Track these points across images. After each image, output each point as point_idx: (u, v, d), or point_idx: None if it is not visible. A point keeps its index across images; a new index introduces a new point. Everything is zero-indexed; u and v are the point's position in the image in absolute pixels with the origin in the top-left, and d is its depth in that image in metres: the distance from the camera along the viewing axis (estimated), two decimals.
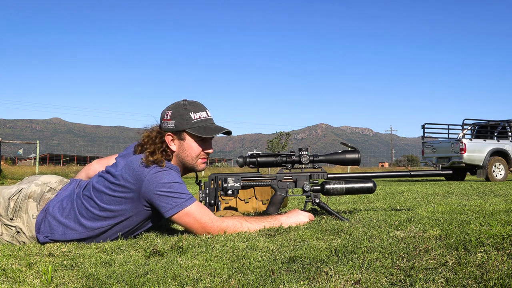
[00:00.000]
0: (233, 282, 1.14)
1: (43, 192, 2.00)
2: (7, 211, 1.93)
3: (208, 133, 1.98)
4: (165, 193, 1.84)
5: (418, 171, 2.39)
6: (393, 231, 1.68)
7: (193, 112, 1.98)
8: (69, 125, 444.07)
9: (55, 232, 1.92)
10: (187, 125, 1.97)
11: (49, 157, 40.55)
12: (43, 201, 1.97)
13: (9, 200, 1.96)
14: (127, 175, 1.88)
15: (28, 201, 1.95)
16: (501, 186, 5.66)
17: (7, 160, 20.36)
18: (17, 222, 1.92)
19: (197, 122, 1.98)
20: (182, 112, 1.97)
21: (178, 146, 2.00)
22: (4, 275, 1.36)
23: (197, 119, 1.99)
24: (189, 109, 1.98)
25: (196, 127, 1.98)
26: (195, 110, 2.00)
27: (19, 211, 1.93)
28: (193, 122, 1.97)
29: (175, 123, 1.97)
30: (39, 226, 1.92)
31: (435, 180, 10.57)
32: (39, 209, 1.94)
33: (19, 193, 1.98)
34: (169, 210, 1.84)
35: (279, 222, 1.95)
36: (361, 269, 1.18)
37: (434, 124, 11.72)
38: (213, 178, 2.18)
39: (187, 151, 2.00)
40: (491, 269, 1.13)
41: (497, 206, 2.78)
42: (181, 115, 1.97)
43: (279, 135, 28.68)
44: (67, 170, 15.87)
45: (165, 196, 1.84)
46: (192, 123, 1.97)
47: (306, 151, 2.20)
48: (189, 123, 1.97)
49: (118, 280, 1.21)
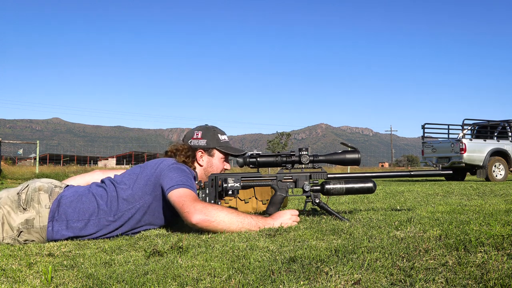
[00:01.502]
0: (233, 282, 1.14)
1: (52, 187, 2.06)
2: (19, 203, 1.97)
3: (235, 151, 2.32)
4: (174, 174, 2.03)
5: (418, 171, 2.39)
6: (393, 231, 1.68)
7: (220, 134, 2.35)
8: (69, 125, 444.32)
9: (71, 219, 1.97)
10: (217, 143, 2.31)
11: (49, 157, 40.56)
12: (54, 194, 2.02)
13: (19, 194, 2.00)
14: (151, 166, 2.12)
15: (39, 193, 2.00)
16: (501, 186, 5.66)
17: (7, 160, 20.35)
18: (31, 212, 1.96)
19: (224, 143, 2.34)
20: (212, 133, 2.33)
21: (207, 161, 2.31)
22: (4, 275, 1.36)
23: (224, 140, 2.34)
24: (217, 131, 2.35)
25: (224, 146, 2.32)
26: (221, 133, 2.37)
27: (32, 202, 1.98)
28: (221, 142, 2.32)
29: (207, 141, 2.30)
30: (53, 214, 1.97)
31: (435, 180, 10.57)
32: (51, 200, 2.00)
33: (27, 188, 2.03)
34: (172, 186, 1.98)
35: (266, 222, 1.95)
36: (361, 269, 1.18)
37: (434, 124, 11.72)
38: (213, 178, 2.18)
39: (214, 166, 2.31)
40: (491, 269, 1.13)
41: (497, 206, 2.78)
42: (212, 135, 2.32)
43: (279, 135, 28.66)
44: (67, 170, 15.87)
45: (172, 177, 2.02)
46: (221, 142, 2.32)
47: (306, 151, 2.20)
48: (219, 142, 2.32)
49: (118, 280, 1.21)
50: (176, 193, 1.95)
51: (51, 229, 1.95)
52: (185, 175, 2.05)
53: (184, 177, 2.03)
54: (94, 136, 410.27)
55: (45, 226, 1.95)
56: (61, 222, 1.96)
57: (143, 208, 2.06)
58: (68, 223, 1.97)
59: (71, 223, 1.97)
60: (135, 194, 2.05)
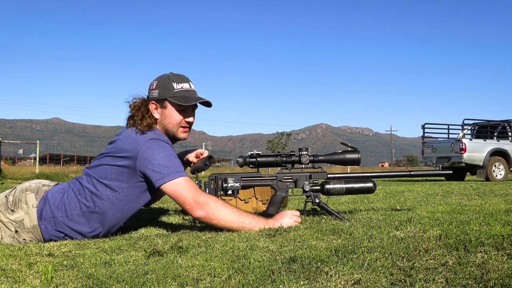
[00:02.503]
0: (233, 282, 1.14)
1: (39, 186, 2.05)
2: (7, 205, 1.97)
3: (187, 101, 2.08)
4: (158, 162, 1.91)
5: (418, 171, 2.39)
6: (393, 231, 1.68)
7: (175, 82, 2.10)
8: (69, 125, 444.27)
9: (57, 215, 1.96)
10: (169, 94, 2.07)
11: (49, 157, 40.55)
12: (40, 193, 2.02)
13: (7, 197, 2.01)
14: (125, 145, 1.98)
15: (26, 193, 2.00)
16: (501, 186, 5.66)
17: (7, 160, 20.36)
18: (19, 213, 1.96)
19: (178, 92, 2.09)
20: (165, 82, 2.10)
21: (161, 114, 2.11)
22: (4, 275, 1.36)
23: (179, 89, 2.09)
24: (172, 80, 2.10)
25: (176, 96, 2.08)
26: (178, 81, 2.11)
27: (19, 203, 1.98)
28: (175, 92, 2.08)
29: (159, 92, 2.08)
30: (40, 213, 1.96)
31: (435, 180, 10.57)
32: (38, 198, 1.99)
33: (14, 190, 2.04)
34: (161, 179, 1.90)
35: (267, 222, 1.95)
36: (361, 269, 1.18)
37: (434, 124, 11.73)
38: (213, 178, 2.18)
39: (168, 118, 2.10)
40: (491, 269, 1.13)
41: (497, 206, 2.78)
42: (164, 84, 2.09)
43: (279, 135, 28.65)
44: (67, 170, 15.86)
45: (158, 165, 1.91)
46: (173, 92, 2.08)
47: (306, 151, 2.20)
48: (171, 92, 2.08)
49: (118, 280, 1.21)
50: (170, 186, 1.90)
51: (45, 227, 1.96)
52: (167, 159, 1.92)
53: (167, 162, 1.92)
54: (94, 136, 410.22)
55: (36, 225, 1.95)
56: (49, 219, 1.96)
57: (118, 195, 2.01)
58: (56, 219, 1.96)
59: (58, 220, 1.96)
60: (112, 181, 1.99)
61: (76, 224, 1.97)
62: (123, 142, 1.99)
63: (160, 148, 1.95)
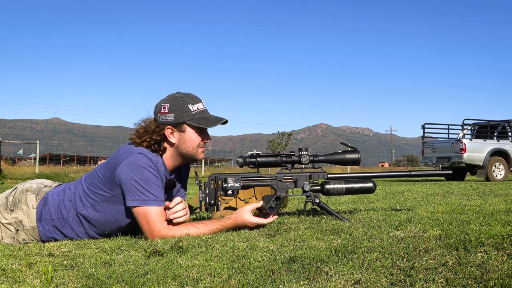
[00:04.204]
0: (233, 282, 1.14)
1: (40, 187, 2.05)
2: (6, 205, 1.98)
3: (209, 123, 2.03)
4: (137, 184, 1.87)
5: (418, 171, 2.39)
6: (393, 231, 1.68)
7: (191, 104, 2.01)
8: (69, 125, 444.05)
9: (54, 217, 1.96)
10: (187, 117, 2.00)
11: (49, 157, 40.55)
12: (41, 194, 2.02)
13: (7, 197, 2.01)
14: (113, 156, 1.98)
15: (26, 194, 2.00)
16: (501, 186, 5.66)
17: (7, 160, 20.35)
18: (18, 214, 1.96)
19: (196, 114, 2.01)
20: (180, 104, 2.00)
21: (178, 138, 2.02)
22: (4, 275, 1.36)
23: (196, 110, 2.02)
24: (187, 102, 2.01)
25: (196, 118, 2.01)
26: (193, 102, 2.03)
27: (19, 204, 1.98)
28: (193, 114, 2.01)
29: (175, 115, 1.99)
30: (40, 214, 1.96)
31: (435, 180, 10.57)
32: (38, 199, 1.99)
33: (15, 190, 2.04)
34: (133, 200, 1.87)
35: (224, 224, 1.94)
36: (361, 269, 1.18)
37: (434, 124, 11.73)
38: (213, 178, 2.18)
39: (188, 142, 2.02)
40: (491, 269, 1.13)
41: (497, 206, 2.78)
42: (180, 107, 1.99)
43: (280, 135, 28.63)
44: (67, 170, 15.87)
45: (135, 187, 1.87)
46: (191, 115, 2.00)
47: (306, 151, 2.20)
48: (189, 115, 2.00)
49: (118, 280, 1.21)
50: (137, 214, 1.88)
51: (42, 229, 1.95)
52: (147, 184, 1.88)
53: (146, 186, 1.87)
54: (94, 136, 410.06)
55: (35, 226, 1.95)
56: (48, 221, 1.96)
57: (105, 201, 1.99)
58: (54, 221, 1.96)
59: (55, 222, 1.97)
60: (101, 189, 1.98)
61: (69, 227, 1.98)
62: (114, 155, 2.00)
63: (144, 170, 1.90)
